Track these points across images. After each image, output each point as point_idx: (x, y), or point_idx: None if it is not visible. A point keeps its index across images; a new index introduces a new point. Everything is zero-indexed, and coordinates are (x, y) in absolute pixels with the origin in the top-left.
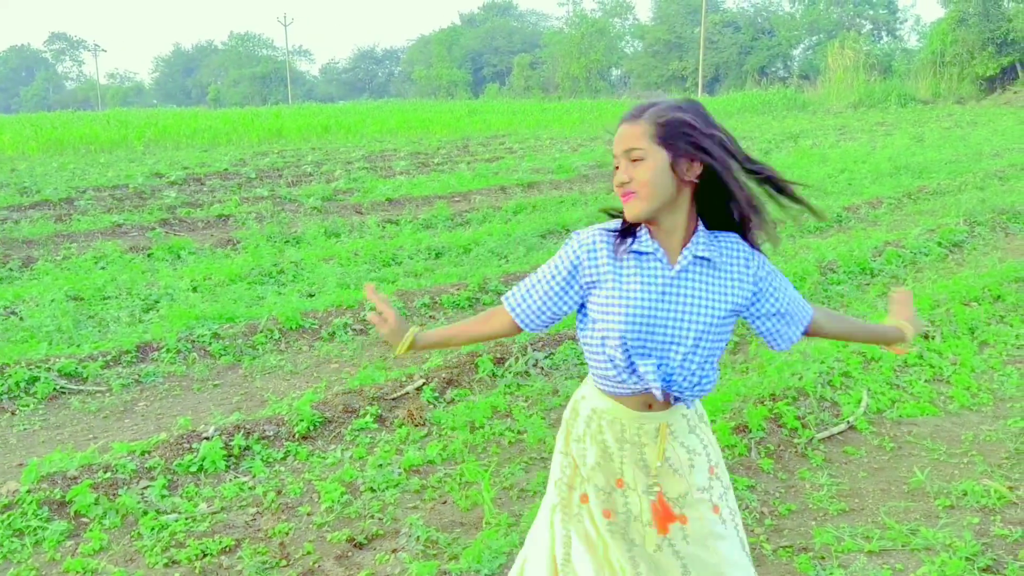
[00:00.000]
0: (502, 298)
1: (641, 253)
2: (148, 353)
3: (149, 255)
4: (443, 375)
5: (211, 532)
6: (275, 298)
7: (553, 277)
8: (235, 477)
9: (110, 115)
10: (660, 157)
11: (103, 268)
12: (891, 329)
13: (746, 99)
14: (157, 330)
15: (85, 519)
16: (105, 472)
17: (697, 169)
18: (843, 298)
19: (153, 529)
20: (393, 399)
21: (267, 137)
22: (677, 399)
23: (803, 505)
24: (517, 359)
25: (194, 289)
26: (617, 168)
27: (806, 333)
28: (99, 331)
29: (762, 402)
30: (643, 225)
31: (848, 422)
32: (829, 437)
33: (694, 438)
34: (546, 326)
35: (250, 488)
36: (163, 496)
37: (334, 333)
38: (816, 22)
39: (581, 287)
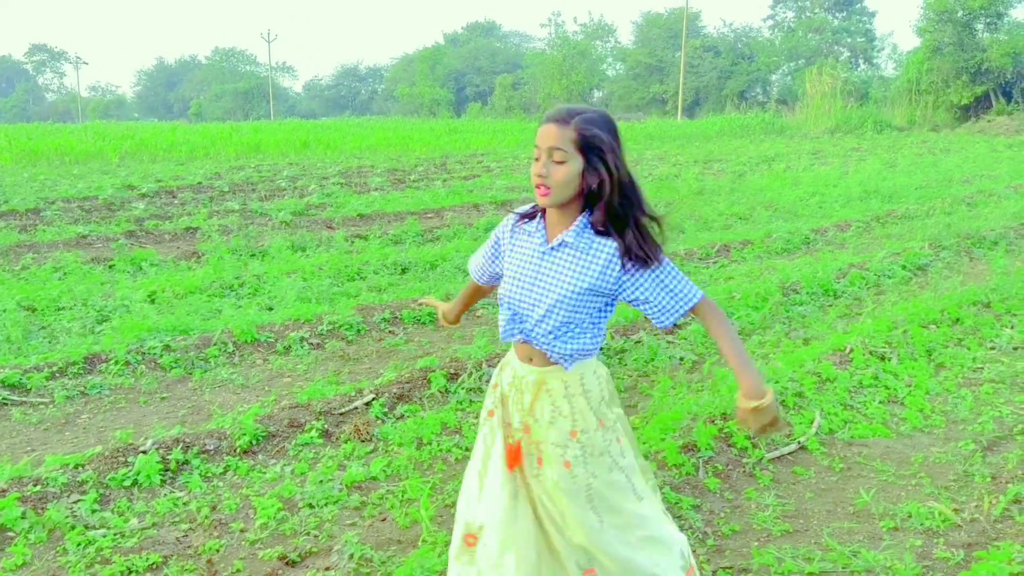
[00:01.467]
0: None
1: (530, 233)
2: (96, 365)
3: (110, 267)
4: (394, 390)
5: (139, 548)
6: (232, 311)
7: (489, 244)
8: (171, 492)
9: (88, 127)
10: (577, 163)
11: (61, 279)
12: (743, 389)
13: (725, 122)
14: (108, 342)
15: (11, 533)
16: (35, 486)
17: (595, 181)
18: (804, 319)
19: (79, 545)
20: (341, 414)
21: (245, 152)
22: (551, 358)
23: (747, 526)
24: (471, 374)
25: (151, 301)
26: (538, 159)
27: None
28: (49, 342)
29: (712, 421)
30: (549, 210)
31: (799, 442)
32: (779, 457)
33: (564, 402)
34: (492, 281)
35: (184, 503)
36: (94, 511)
37: (290, 347)
38: (795, 48)
39: (500, 255)
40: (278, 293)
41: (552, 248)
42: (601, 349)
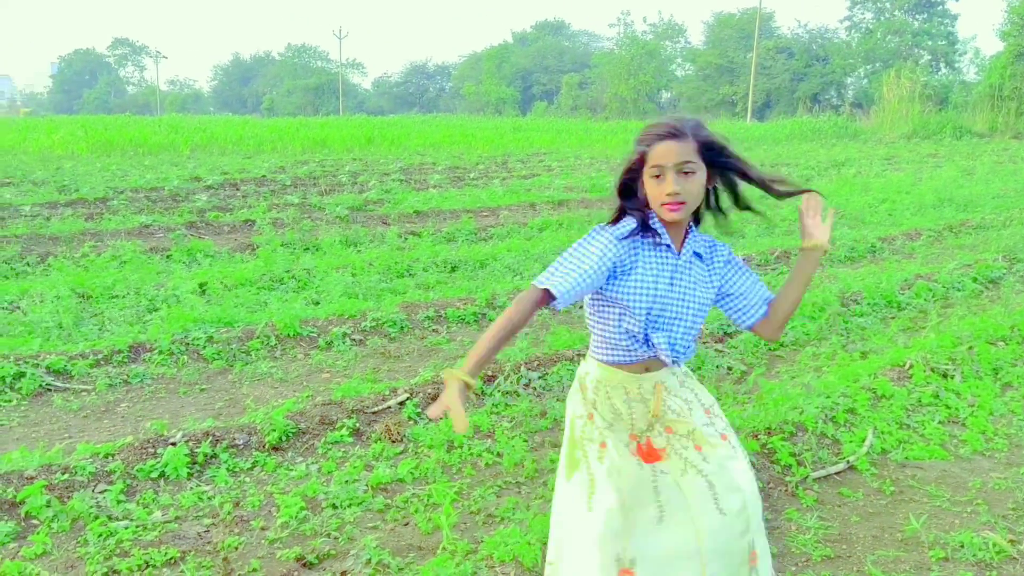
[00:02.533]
0: (534, 282)
1: (660, 246)
2: (140, 354)
3: (168, 257)
4: (429, 390)
5: (159, 542)
6: (279, 304)
7: (595, 269)
8: (196, 485)
9: (163, 120)
10: (702, 171)
11: (118, 267)
12: (805, 256)
13: (796, 126)
14: (154, 331)
15: (35, 521)
16: (63, 474)
17: (714, 181)
18: (863, 331)
19: (100, 536)
20: (373, 413)
21: (311, 147)
22: (670, 363)
23: (785, 549)
24: (508, 377)
25: (201, 292)
26: (658, 177)
27: (754, 327)
28: (99, 330)
29: (755, 436)
30: (655, 220)
31: (848, 461)
32: (825, 477)
33: (686, 390)
34: (571, 302)
35: (209, 498)
36: (119, 502)
37: (331, 342)
38: (872, 51)
39: (610, 273)
40: (326, 288)
41: (687, 260)
42: None
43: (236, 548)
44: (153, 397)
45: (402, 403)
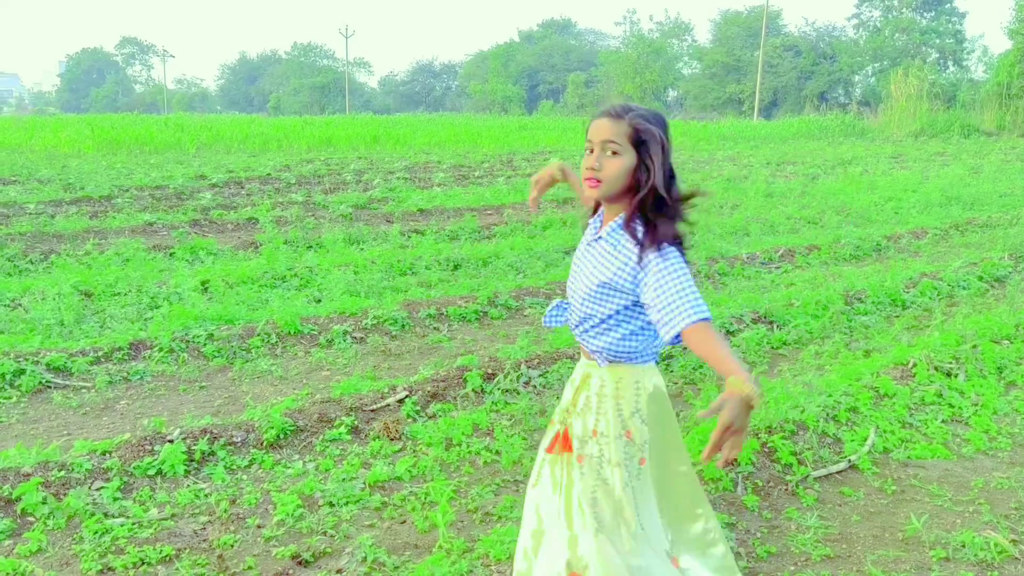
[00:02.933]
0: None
1: (591, 224)
2: (140, 351)
3: (171, 254)
4: (428, 388)
5: (154, 539)
6: (280, 302)
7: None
8: (194, 483)
9: (169, 119)
10: (629, 157)
11: (121, 265)
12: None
13: (802, 124)
14: (154, 329)
15: (31, 518)
16: (60, 471)
17: (644, 177)
18: (867, 329)
19: (96, 533)
20: (372, 410)
21: (316, 145)
22: (589, 353)
23: (785, 548)
24: (507, 375)
25: (204, 290)
26: (590, 152)
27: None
28: (100, 327)
29: (756, 434)
30: (603, 208)
31: (849, 460)
32: (826, 476)
33: (595, 399)
34: None
35: (206, 495)
36: (115, 499)
37: (332, 340)
38: (880, 49)
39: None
40: (327, 286)
41: (594, 240)
42: (657, 361)
43: (232, 546)
44: (152, 394)
45: (401, 401)
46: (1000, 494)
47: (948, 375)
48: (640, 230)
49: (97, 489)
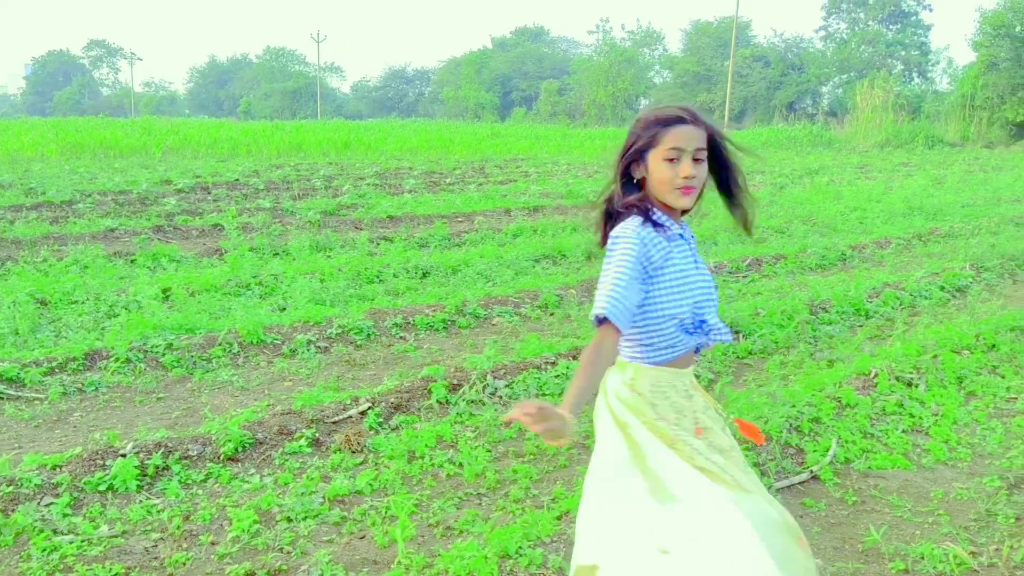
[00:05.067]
0: (600, 316)
1: (671, 238)
2: (96, 361)
3: (132, 261)
4: (392, 399)
5: (103, 557)
6: (243, 311)
7: (636, 274)
8: (146, 499)
9: (136, 122)
10: (708, 160)
11: (79, 272)
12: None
13: (771, 133)
14: (111, 338)
15: None
16: (8, 486)
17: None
18: (831, 339)
19: (44, 551)
20: (334, 422)
21: (286, 150)
22: (697, 350)
23: None
24: (473, 385)
25: (164, 298)
26: (673, 160)
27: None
28: (56, 336)
29: None
30: (656, 211)
31: (811, 471)
32: (789, 487)
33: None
34: (630, 317)
35: (158, 511)
36: (64, 515)
37: (296, 350)
38: (847, 60)
39: (648, 277)
40: (292, 294)
41: (689, 241)
42: None
43: (183, 564)
44: (107, 406)
45: (364, 412)
46: (959, 505)
47: (909, 385)
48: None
49: (46, 505)
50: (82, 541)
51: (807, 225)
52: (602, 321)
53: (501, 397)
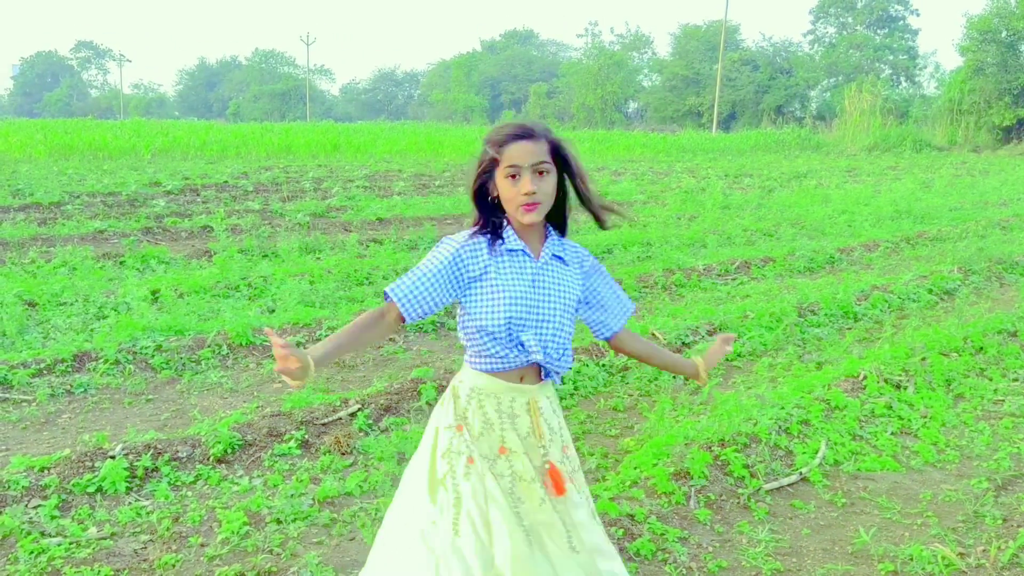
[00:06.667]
0: (387, 291)
1: (512, 251)
2: (85, 363)
3: (121, 263)
4: (381, 401)
5: (92, 560)
6: (232, 313)
7: (438, 273)
8: (135, 500)
9: (125, 124)
10: (554, 173)
11: (68, 274)
12: (689, 364)
13: (760, 137)
14: (100, 340)
15: None
16: None
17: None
18: (819, 341)
19: (32, 553)
20: (323, 424)
21: (275, 152)
22: (547, 374)
23: (736, 562)
24: None
25: (153, 299)
26: (514, 177)
27: (611, 339)
28: (44, 338)
29: (709, 447)
30: (508, 227)
31: (800, 473)
32: (778, 489)
33: (554, 418)
34: (422, 317)
35: (148, 513)
36: (52, 517)
37: None
38: (835, 64)
39: (462, 283)
40: (281, 296)
41: (544, 263)
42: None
43: (173, 566)
44: (96, 408)
45: (353, 414)
46: (948, 506)
47: (898, 387)
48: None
49: (34, 507)
50: (70, 543)
51: (795, 228)
52: (386, 297)
53: None
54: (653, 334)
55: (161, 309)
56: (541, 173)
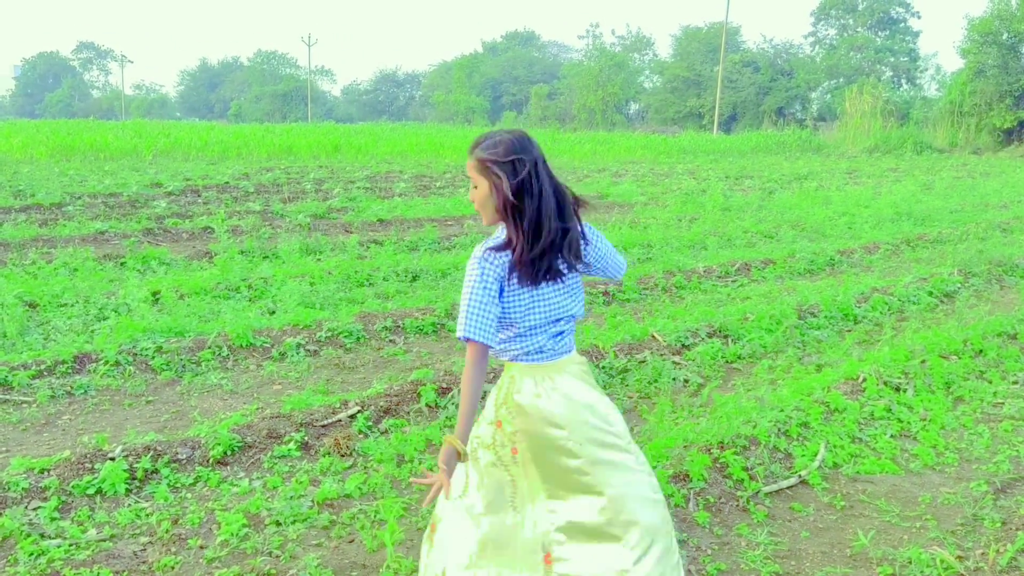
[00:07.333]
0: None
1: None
2: (85, 364)
3: (122, 264)
4: (381, 403)
5: (91, 561)
6: (232, 314)
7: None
8: (135, 502)
9: (126, 125)
10: (484, 184)
11: (69, 275)
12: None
13: (760, 139)
14: (100, 341)
15: None
16: None
17: (500, 199)
18: (819, 344)
19: (31, 555)
20: (323, 426)
21: (277, 153)
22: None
23: (735, 565)
24: None
25: (154, 301)
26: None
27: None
28: (44, 339)
29: (708, 450)
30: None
31: (800, 476)
32: (777, 491)
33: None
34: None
35: (147, 515)
36: (52, 519)
37: (285, 353)
38: (836, 66)
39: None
40: (282, 297)
41: None
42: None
43: (172, 568)
44: (96, 409)
45: (353, 416)
46: (947, 509)
47: (897, 390)
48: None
49: (34, 509)
50: (70, 545)
51: (796, 230)
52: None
53: None
54: (653, 336)
55: (162, 310)
56: (475, 187)
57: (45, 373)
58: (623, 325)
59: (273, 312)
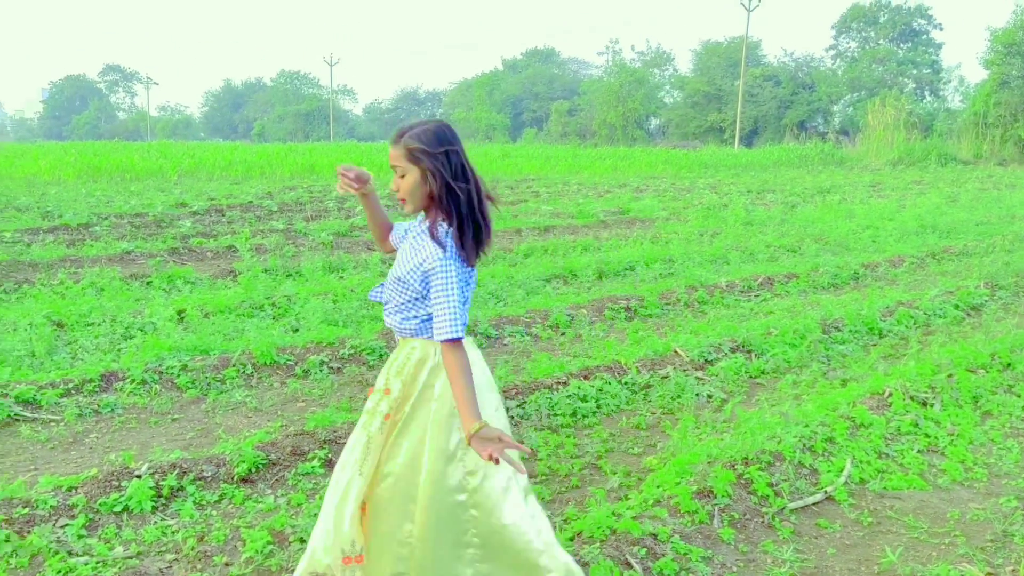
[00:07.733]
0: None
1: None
2: (112, 383)
3: (148, 283)
4: None
5: None
6: (256, 332)
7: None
8: (161, 519)
9: (152, 146)
10: (414, 172)
11: (96, 295)
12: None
13: (782, 152)
14: (127, 360)
15: None
16: (24, 507)
17: (433, 186)
18: (844, 358)
19: (59, 572)
20: (345, 443)
21: (299, 172)
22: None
23: None
24: None
25: (179, 319)
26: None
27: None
28: (72, 358)
29: (732, 466)
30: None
31: (826, 492)
32: (803, 507)
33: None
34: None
35: (173, 532)
36: (79, 536)
37: (308, 371)
38: (858, 79)
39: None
40: (305, 314)
41: (416, 235)
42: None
43: None
44: (123, 428)
45: None
46: (976, 526)
47: (924, 404)
48: (442, 234)
49: (62, 526)
50: (97, 562)
51: (819, 244)
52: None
53: (513, 417)
54: (676, 351)
55: (187, 329)
56: (401, 176)
57: (73, 392)
58: (645, 340)
59: (296, 330)
